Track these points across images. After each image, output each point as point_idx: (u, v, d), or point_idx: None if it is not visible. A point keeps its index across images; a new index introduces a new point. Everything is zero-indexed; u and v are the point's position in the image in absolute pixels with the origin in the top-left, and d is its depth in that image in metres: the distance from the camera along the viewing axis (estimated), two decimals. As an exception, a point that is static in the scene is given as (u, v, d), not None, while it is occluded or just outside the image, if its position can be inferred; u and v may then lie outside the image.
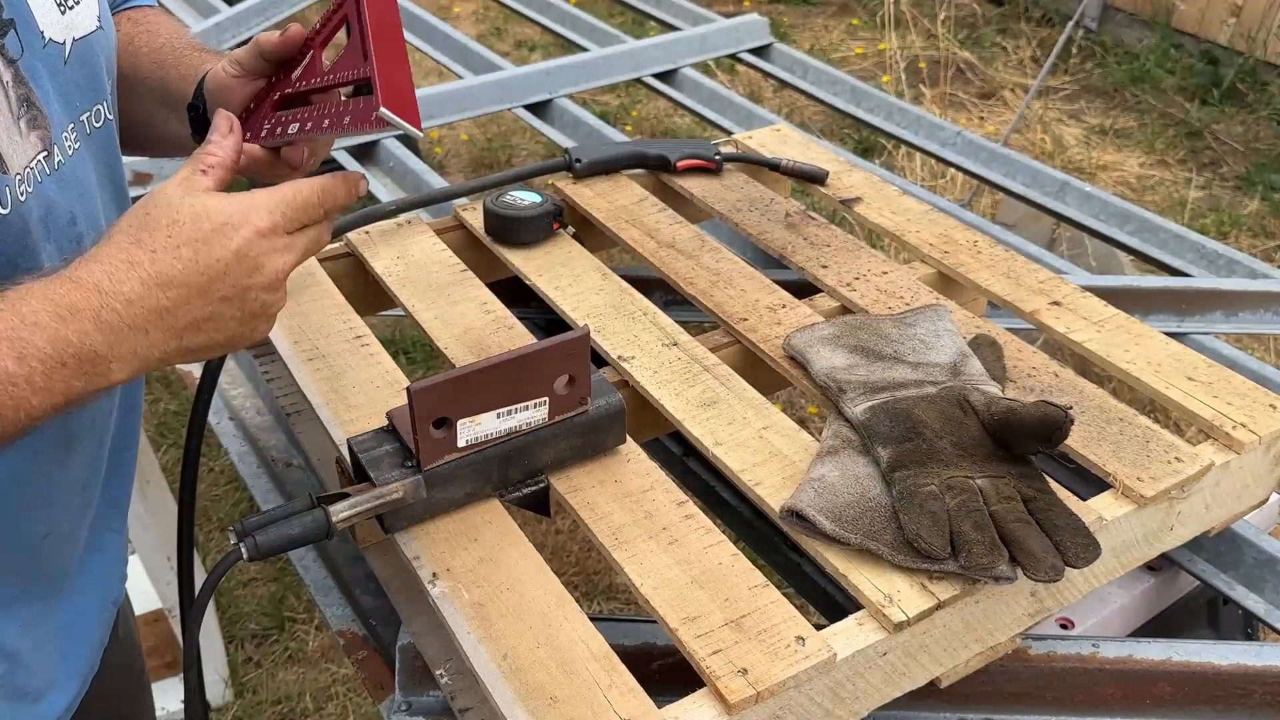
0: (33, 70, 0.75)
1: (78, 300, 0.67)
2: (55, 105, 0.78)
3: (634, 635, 0.95)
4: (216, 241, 0.72)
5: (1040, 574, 0.85)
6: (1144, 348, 1.15)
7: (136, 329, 0.69)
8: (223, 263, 0.72)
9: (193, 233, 0.71)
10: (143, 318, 0.69)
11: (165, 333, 0.70)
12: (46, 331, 0.66)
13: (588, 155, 1.45)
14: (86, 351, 0.67)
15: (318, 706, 2.20)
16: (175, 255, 0.70)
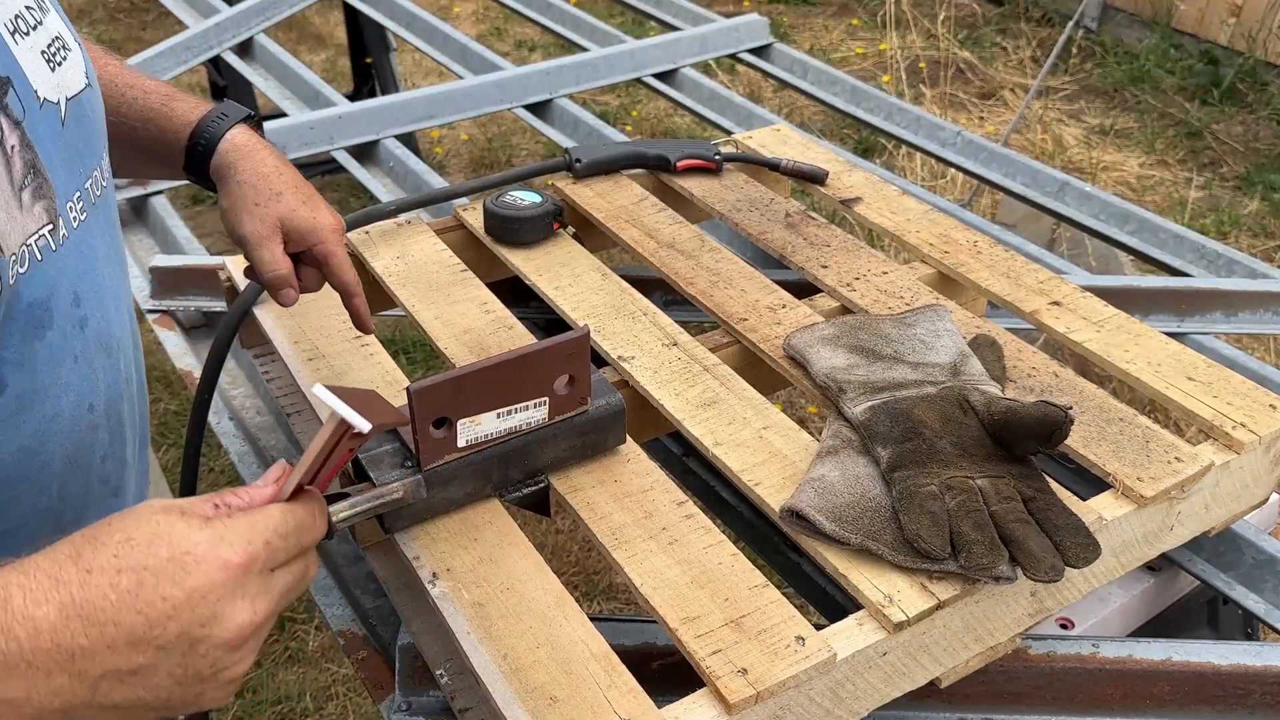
0: (36, 133, 0.68)
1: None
2: (60, 172, 0.71)
3: (634, 635, 0.95)
4: (169, 573, 0.56)
5: (1040, 574, 0.85)
6: (1144, 348, 1.16)
7: (36, 666, 0.54)
8: (170, 602, 0.56)
9: (142, 557, 0.56)
10: (49, 655, 0.54)
11: (74, 679, 0.54)
12: None
13: (588, 155, 1.46)
14: None
15: (318, 706, 2.20)
16: (112, 583, 0.55)
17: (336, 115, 1.91)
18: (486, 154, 4.13)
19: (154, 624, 0.55)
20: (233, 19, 2.33)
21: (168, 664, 0.56)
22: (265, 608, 0.59)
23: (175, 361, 1.48)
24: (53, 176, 0.70)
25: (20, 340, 0.68)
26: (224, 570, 0.57)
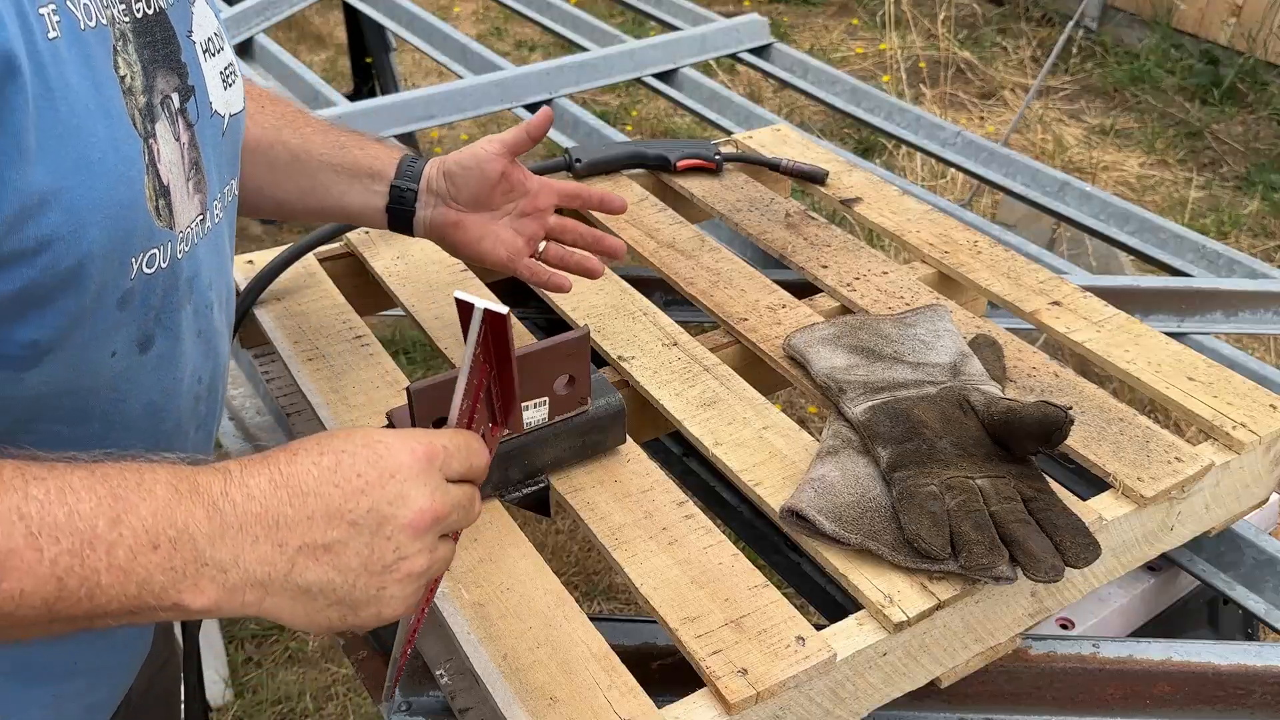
0: (203, 137, 0.78)
1: (201, 479, 0.60)
2: (213, 174, 0.80)
3: (634, 635, 0.95)
4: (365, 455, 0.63)
5: (1040, 574, 0.85)
6: (1144, 348, 1.15)
7: (246, 531, 0.59)
8: (364, 479, 0.62)
9: (341, 443, 0.64)
10: (258, 520, 0.60)
11: (276, 548, 0.60)
12: (156, 502, 0.58)
13: (588, 155, 1.46)
14: (185, 540, 0.58)
15: (318, 706, 2.20)
16: (315, 461, 0.62)
17: (336, 115, 1.91)
18: (486, 154, 4.12)
19: (349, 497, 0.61)
20: (232, 19, 2.33)
21: (357, 542, 0.61)
22: (443, 504, 0.64)
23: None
24: (208, 176, 0.79)
25: (172, 308, 0.77)
26: (411, 456, 0.63)
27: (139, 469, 0.59)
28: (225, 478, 0.60)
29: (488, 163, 1.06)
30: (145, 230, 0.71)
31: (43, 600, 0.54)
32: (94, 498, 0.56)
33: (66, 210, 0.64)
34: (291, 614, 0.62)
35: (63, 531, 0.54)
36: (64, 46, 0.64)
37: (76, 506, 0.55)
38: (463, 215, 1.08)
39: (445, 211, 1.07)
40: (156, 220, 0.72)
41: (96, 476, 0.57)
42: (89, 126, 0.66)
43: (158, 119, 0.72)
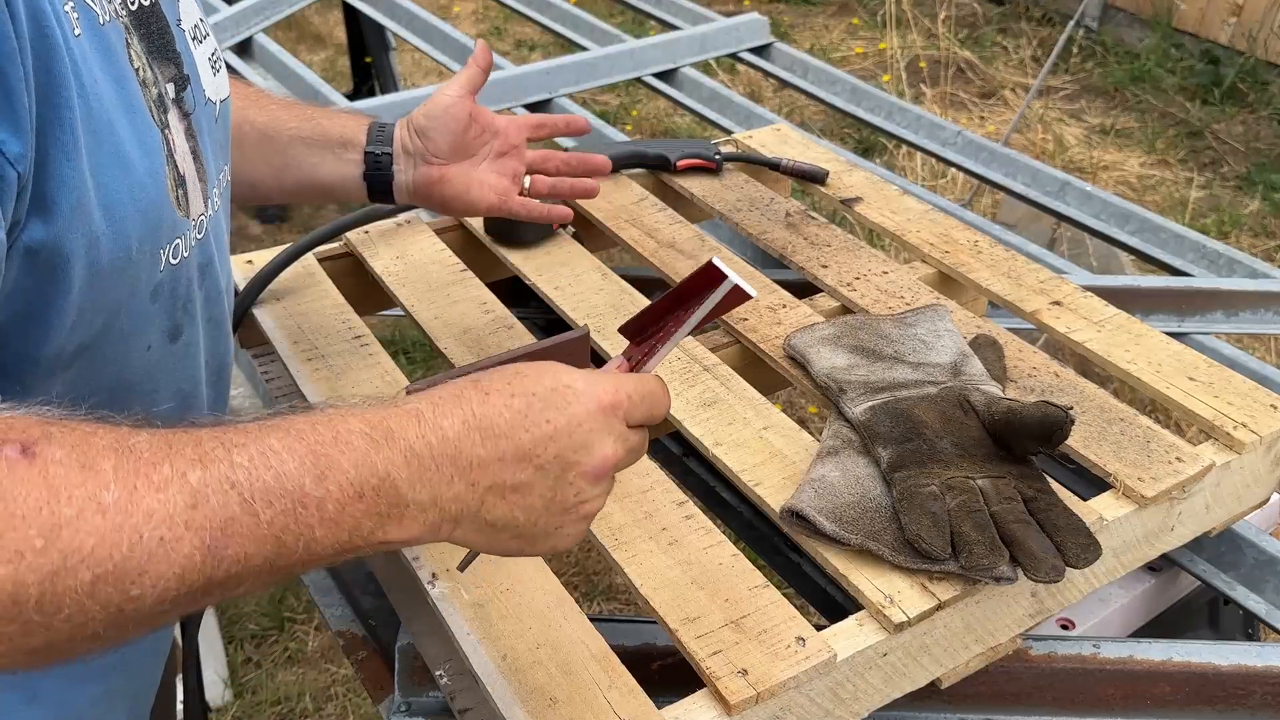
0: (199, 126, 0.79)
1: (395, 425, 0.61)
2: (210, 161, 0.81)
3: (634, 636, 0.95)
4: (554, 401, 0.64)
5: (1041, 574, 0.85)
6: (1145, 348, 1.15)
7: (442, 471, 0.61)
8: (553, 425, 0.64)
9: (532, 385, 0.65)
10: (453, 461, 0.62)
11: (468, 487, 0.62)
12: (355, 454, 0.59)
13: (588, 155, 1.45)
14: (388, 486, 0.60)
15: (317, 707, 2.20)
16: (506, 403, 0.63)
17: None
18: (486, 154, 4.12)
19: (538, 442, 0.63)
20: (232, 18, 2.33)
21: (542, 485, 0.64)
22: (621, 452, 0.67)
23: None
24: (208, 165, 0.80)
25: (192, 296, 0.79)
26: (597, 404, 0.65)
27: (332, 422, 0.60)
28: (419, 421, 0.61)
29: (454, 106, 1.05)
30: (170, 222, 0.73)
31: (265, 559, 0.56)
32: (295, 458, 0.57)
33: (106, 208, 0.66)
34: (476, 542, 0.65)
35: (274, 494, 0.56)
36: (87, 43, 0.65)
37: (281, 469, 0.57)
38: (445, 169, 1.07)
39: (426, 170, 1.07)
40: (178, 210, 0.73)
41: (293, 435, 0.58)
42: (118, 123, 0.67)
43: (168, 110, 0.74)
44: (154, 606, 0.53)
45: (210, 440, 0.57)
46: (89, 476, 0.52)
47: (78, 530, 0.51)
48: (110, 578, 0.51)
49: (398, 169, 1.07)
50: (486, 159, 1.09)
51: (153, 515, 0.52)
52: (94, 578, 0.51)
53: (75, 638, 0.52)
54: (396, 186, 1.07)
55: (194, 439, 0.56)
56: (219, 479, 0.55)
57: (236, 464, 0.56)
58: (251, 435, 0.58)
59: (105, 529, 0.51)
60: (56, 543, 0.50)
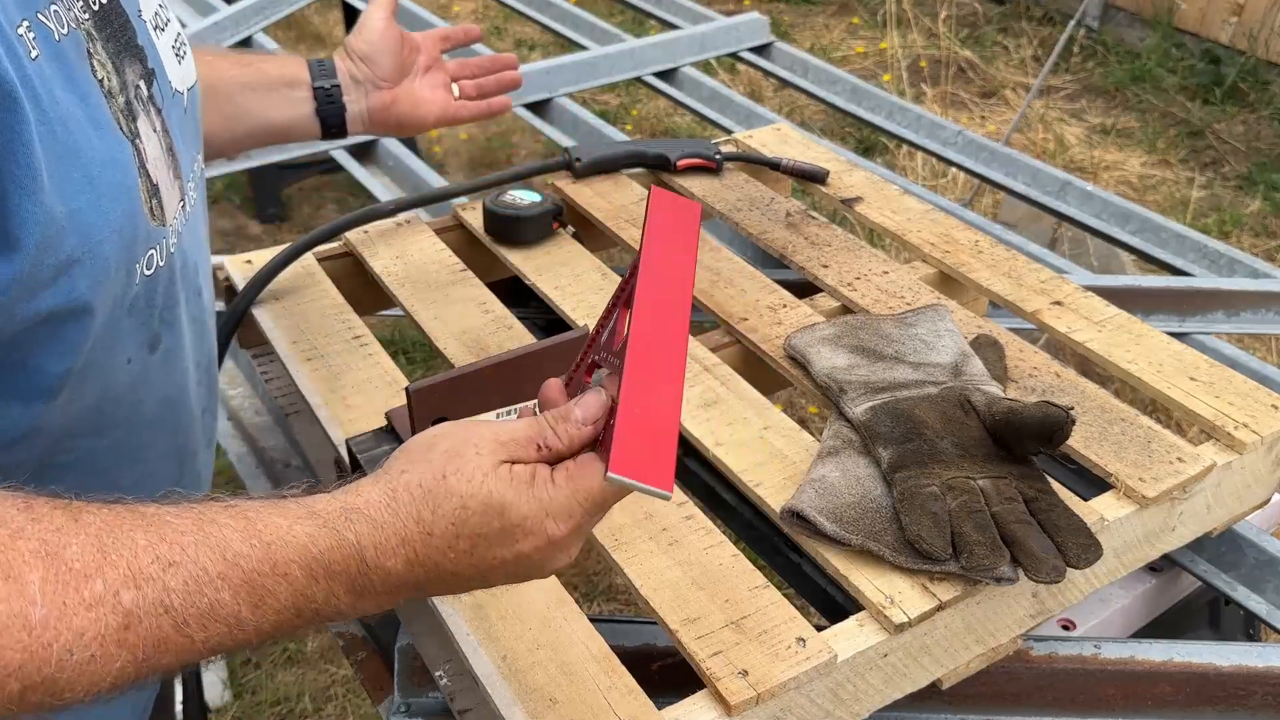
0: (171, 120, 0.78)
1: (336, 563, 0.60)
2: (184, 155, 0.80)
3: (634, 636, 0.95)
4: (500, 542, 0.63)
5: (1042, 575, 0.85)
6: (1145, 348, 1.15)
7: (385, 596, 0.63)
8: (499, 560, 0.64)
9: (478, 526, 0.63)
10: (396, 590, 0.63)
11: (418, 590, 0.64)
12: (294, 586, 0.59)
13: (587, 154, 1.45)
14: (329, 610, 0.61)
15: (317, 708, 2.20)
16: (451, 546, 0.63)
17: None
18: (486, 153, 4.13)
19: (486, 573, 0.65)
20: (231, 18, 2.32)
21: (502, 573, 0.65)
22: (575, 551, 0.67)
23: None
24: (181, 159, 0.78)
25: (170, 303, 0.78)
26: (549, 541, 0.64)
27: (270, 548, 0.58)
28: (360, 561, 0.61)
29: (387, 29, 1.10)
30: (145, 234, 0.71)
31: (198, 657, 0.57)
32: (230, 587, 0.57)
33: (81, 233, 0.64)
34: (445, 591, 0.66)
35: (208, 619, 0.56)
36: (45, 64, 0.63)
37: (216, 598, 0.56)
38: (393, 91, 1.11)
39: (378, 95, 1.10)
40: (151, 221, 0.72)
41: (228, 561, 0.57)
42: (85, 142, 0.65)
43: (138, 116, 0.72)
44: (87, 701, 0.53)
45: (145, 551, 0.55)
46: (14, 590, 0.51)
47: (4, 646, 0.50)
48: (39, 689, 0.51)
49: (349, 99, 1.09)
50: (418, 75, 1.14)
51: (83, 634, 0.52)
52: (22, 689, 0.51)
53: None
54: (350, 118, 1.10)
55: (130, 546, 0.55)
56: (152, 603, 0.54)
57: (171, 589, 0.55)
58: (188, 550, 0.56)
59: (33, 646, 0.50)
60: None
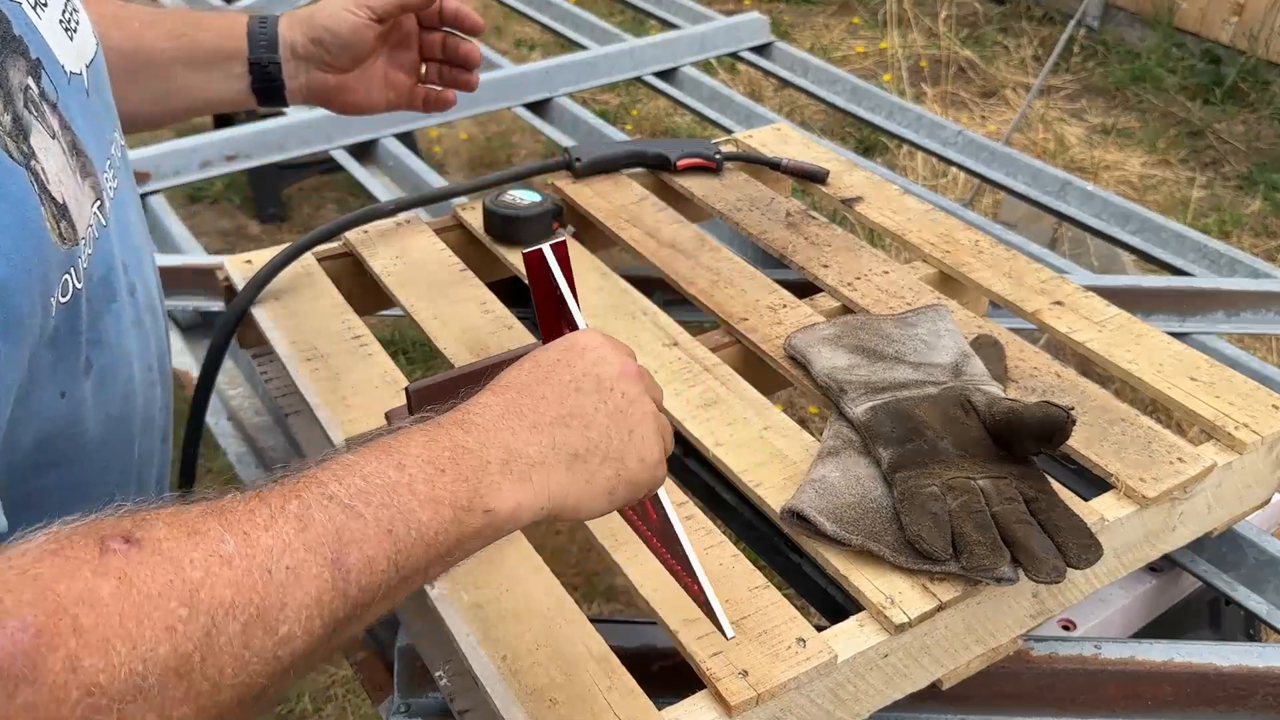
0: (70, 111, 0.69)
1: (440, 419, 0.65)
2: (92, 144, 0.72)
3: (634, 637, 0.95)
4: (555, 346, 0.70)
5: (1042, 575, 0.85)
6: (1146, 348, 1.15)
7: (501, 428, 0.64)
8: (564, 363, 0.68)
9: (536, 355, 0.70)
10: (503, 418, 0.65)
11: (531, 430, 0.65)
12: (418, 442, 0.62)
13: (587, 154, 1.45)
14: (461, 453, 0.62)
15: (316, 708, 2.20)
16: (519, 369, 0.69)
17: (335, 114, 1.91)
18: (486, 153, 4.12)
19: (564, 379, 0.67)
20: (232, 18, 2.32)
21: (590, 401, 0.67)
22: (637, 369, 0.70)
23: (173, 361, 1.47)
24: (89, 151, 0.70)
25: (95, 320, 0.71)
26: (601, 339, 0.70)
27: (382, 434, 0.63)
28: (457, 410, 0.65)
29: (363, 29, 1.01)
30: (56, 261, 0.64)
31: (387, 560, 0.57)
32: (372, 458, 0.59)
33: None
34: (578, 489, 0.66)
35: (369, 492, 0.58)
36: None
37: (365, 470, 0.59)
38: (342, 77, 1.03)
39: (322, 77, 1.03)
40: (61, 245, 0.65)
41: (357, 450, 0.61)
42: None
43: (30, 130, 0.64)
44: (304, 643, 0.54)
45: (289, 480, 0.58)
46: (200, 539, 0.52)
47: (213, 587, 0.51)
48: (257, 621, 0.52)
49: (288, 75, 1.02)
50: (381, 56, 1.06)
51: (272, 550, 0.53)
52: (243, 625, 0.51)
53: (243, 700, 0.52)
54: (290, 91, 1.03)
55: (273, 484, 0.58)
56: (316, 498, 0.56)
57: (324, 481, 0.57)
58: (322, 465, 0.59)
59: (236, 577, 0.52)
60: (199, 605, 0.50)
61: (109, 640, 0.47)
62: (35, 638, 0.45)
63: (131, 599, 0.48)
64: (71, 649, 0.46)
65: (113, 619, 0.48)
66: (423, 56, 1.10)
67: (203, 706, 0.50)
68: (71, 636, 0.46)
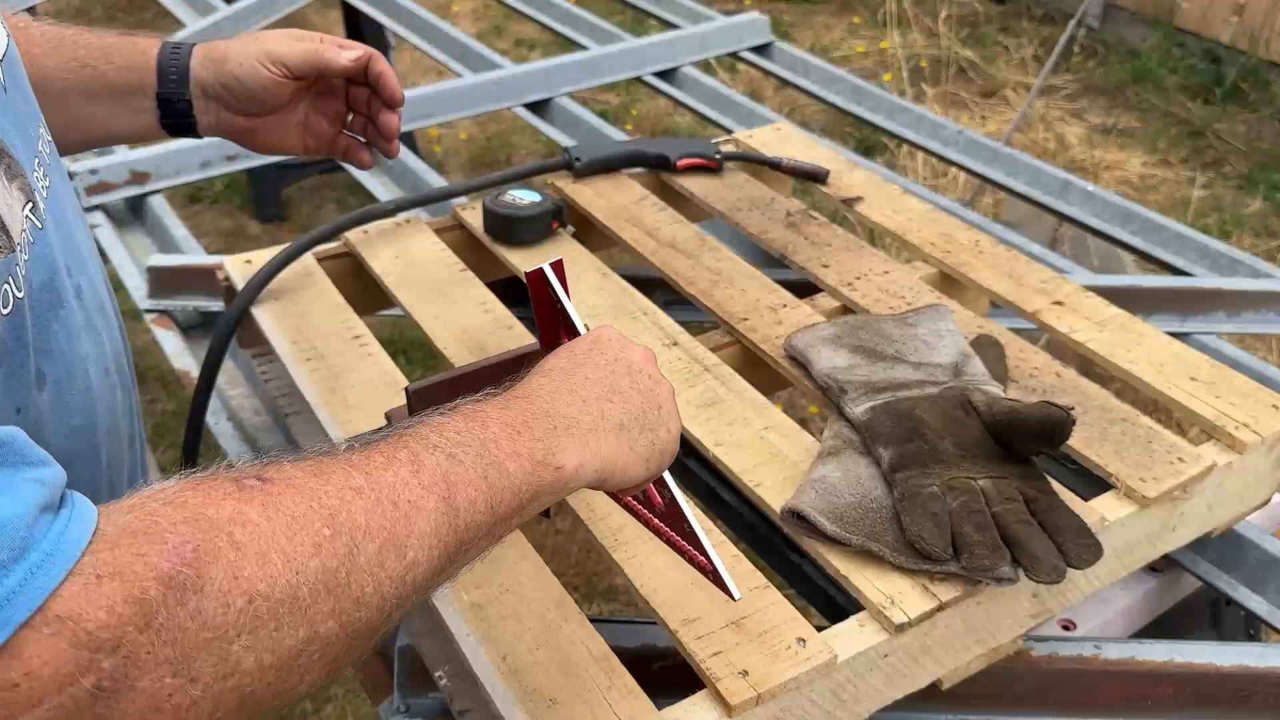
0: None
1: (503, 393, 0.71)
2: (17, 143, 0.69)
3: (634, 637, 0.95)
4: (582, 340, 0.76)
5: (1042, 575, 0.85)
6: (1146, 348, 1.15)
7: (562, 397, 0.71)
8: (584, 343, 0.76)
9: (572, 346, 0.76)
10: (558, 393, 0.71)
11: (583, 403, 0.71)
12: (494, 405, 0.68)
13: (587, 154, 1.45)
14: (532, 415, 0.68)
15: (316, 708, 2.20)
16: (557, 357, 0.75)
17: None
18: (486, 153, 4.12)
19: (600, 362, 0.74)
20: (231, 17, 2.32)
21: (625, 381, 0.74)
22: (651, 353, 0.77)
23: (173, 361, 1.47)
24: (14, 151, 0.68)
25: (42, 328, 0.69)
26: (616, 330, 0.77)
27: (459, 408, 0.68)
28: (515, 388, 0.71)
29: (273, 86, 0.97)
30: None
31: (484, 503, 0.62)
32: (459, 418, 0.66)
33: None
34: (624, 456, 0.71)
35: (464, 444, 0.63)
36: None
37: (456, 428, 0.65)
38: (254, 121, 1.00)
39: (231, 117, 0.99)
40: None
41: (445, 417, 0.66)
42: None
43: None
44: (426, 571, 0.59)
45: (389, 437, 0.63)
46: (328, 476, 0.57)
47: (350, 513, 0.55)
48: (390, 545, 0.57)
49: (198, 110, 0.98)
50: (301, 103, 1.02)
51: (394, 486, 0.59)
52: (378, 548, 0.56)
53: (375, 623, 0.56)
54: (200, 127, 0.99)
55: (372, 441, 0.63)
56: (424, 446, 0.62)
57: (426, 435, 0.63)
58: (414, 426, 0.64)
59: (369, 505, 0.57)
60: (340, 527, 0.55)
61: (265, 553, 0.51)
62: (196, 551, 0.49)
63: (279, 520, 0.53)
64: (231, 560, 0.50)
65: (265, 536, 0.52)
66: (349, 107, 1.06)
67: (345, 623, 0.54)
68: (230, 550, 0.50)
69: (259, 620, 0.50)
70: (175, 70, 0.96)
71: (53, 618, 0.46)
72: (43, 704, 0.46)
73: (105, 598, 0.47)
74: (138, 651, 0.47)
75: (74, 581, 0.47)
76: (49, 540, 0.47)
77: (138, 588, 0.48)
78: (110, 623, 0.47)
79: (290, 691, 0.53)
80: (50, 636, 0.46)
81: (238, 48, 0.98)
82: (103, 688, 0.47)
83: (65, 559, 0.47)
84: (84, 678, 0.46)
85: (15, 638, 0.46)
